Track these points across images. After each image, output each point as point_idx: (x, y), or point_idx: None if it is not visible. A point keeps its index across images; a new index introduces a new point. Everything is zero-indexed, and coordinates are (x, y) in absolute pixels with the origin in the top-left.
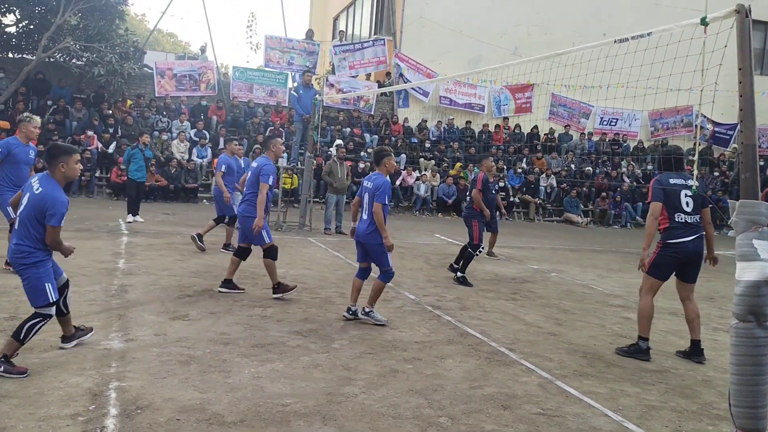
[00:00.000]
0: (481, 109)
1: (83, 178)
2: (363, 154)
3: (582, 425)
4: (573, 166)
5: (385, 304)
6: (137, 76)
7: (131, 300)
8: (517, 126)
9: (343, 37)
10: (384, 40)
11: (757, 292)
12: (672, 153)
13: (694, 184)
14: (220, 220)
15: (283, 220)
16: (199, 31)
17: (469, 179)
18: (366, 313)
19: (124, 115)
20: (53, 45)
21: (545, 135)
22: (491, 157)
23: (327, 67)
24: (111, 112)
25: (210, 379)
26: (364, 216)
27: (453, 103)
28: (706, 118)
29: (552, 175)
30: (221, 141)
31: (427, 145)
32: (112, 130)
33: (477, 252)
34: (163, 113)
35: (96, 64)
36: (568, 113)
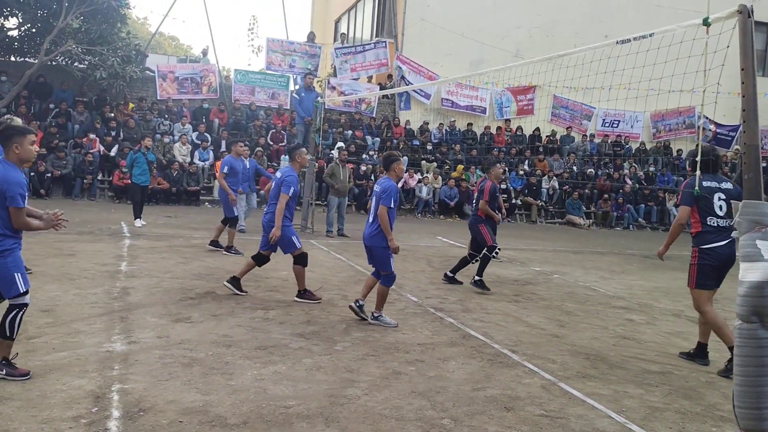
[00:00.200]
0: (483, 111)
1: (85, 181)
2: (365, 156)
3: (585, 427)
4: (575, 168)
5: (387, 306)
6: (139, 79)
7: (133, 302)
8: (519, 128)
9: (345, 40)
10: (385, 42)
11: (761, 293)
12: (709, 154)
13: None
14: (229, 222)
15: None
16: (200, 34)
17: (471, 181)
18: (375, 317)
19: (126, 118)
20: (55, 48)
21: (547, 137)
22: (500, 165)
23: (328, 69)
24: (113, 115)
25: (212, 381)
26: (371, 219)
27: (455, 105)
28: (708, 120)
29: (554, 177)
30: (223, 144)
31: (429, 147)
32: (114, 134)
33: (493, 254)
34: (165, 116)
35: (98, 68)
36: (570, 115)
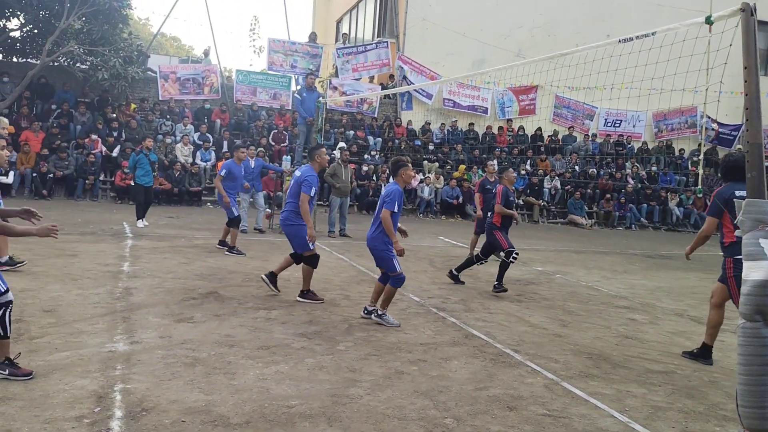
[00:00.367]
0: (485, 111)
1: (87, 181)
2: (366, 156)
3: (588, 426)
4: (577, 168)
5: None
6: (141, 80)
7: (136, 303)
8: (521, 128)
9: (346, 40)
10: (387, 42)
11: (764, 292)
12: (742, 162)
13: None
14: (231, 223)
15: None
16: (202, 34)
17: (473, 181)
18: (379, 315)
19: (128, 118)
20: (57, 49)
21: (549, 137)
22: (512, 169)
23: (330, 69)
24: (115, 115)
25: (215, 381)
26: (374, 222)
27: (456, 105)
28: (711, 119)
29: (556, 177)
30: (225, 144)
31: (431, 147)
32: (116, 134)
33: (512, 258)
34: (167, 117)
35: (100, 68)
36: (572, 115)
